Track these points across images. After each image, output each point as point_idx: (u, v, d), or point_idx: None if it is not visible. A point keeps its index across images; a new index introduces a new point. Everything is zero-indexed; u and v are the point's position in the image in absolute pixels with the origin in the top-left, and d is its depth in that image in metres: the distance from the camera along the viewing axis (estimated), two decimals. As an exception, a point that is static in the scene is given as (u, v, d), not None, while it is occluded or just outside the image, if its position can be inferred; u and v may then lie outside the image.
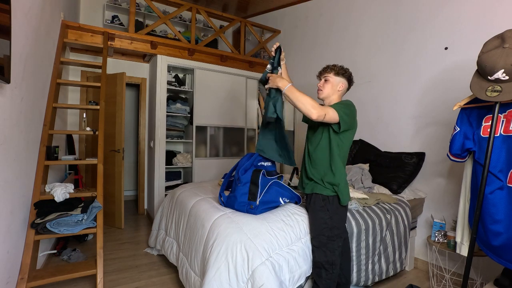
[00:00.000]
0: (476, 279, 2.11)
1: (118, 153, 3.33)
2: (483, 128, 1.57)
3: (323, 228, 1.60)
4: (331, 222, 1.59)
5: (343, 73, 1.66)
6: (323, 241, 1.60)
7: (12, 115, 1.55)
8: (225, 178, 2.07)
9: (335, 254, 1.59)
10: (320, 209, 1.61)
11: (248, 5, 4.66)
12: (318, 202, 1.62)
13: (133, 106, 5.13)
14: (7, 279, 1.56)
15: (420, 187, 2.57)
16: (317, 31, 3.74)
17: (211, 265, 1.52)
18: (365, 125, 3.06)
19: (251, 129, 4.37)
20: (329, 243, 1.59)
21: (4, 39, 1.27)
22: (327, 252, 1.59)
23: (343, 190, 1.57)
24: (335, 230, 1.59)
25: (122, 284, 2.15)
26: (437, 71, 2.45)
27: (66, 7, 2.96)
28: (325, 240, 1.59)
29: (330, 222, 1.59)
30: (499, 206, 1.47)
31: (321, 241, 1.60)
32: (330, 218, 1.59)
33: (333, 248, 1.59)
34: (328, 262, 1.58)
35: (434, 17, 2.48)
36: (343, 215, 1.65)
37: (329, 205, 1.59)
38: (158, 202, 3.52)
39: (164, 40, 3.53)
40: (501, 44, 1.34)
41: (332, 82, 1.66)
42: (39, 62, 2.06)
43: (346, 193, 1.59)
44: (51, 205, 1.99)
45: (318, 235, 1.62)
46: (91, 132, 2.39)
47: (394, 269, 2.15)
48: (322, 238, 1.60)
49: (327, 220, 1.59)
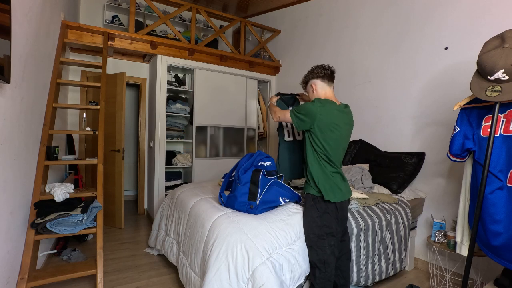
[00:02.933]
0: (476, 279, 2.11)
1: (118, 153, 3.33)
2: (483, 128, 1.57)
3: (313, 226, 1.63)
4: (320, 220, 1.61)
5: (306, 79, 1.80)
6: (314, 239, 1.62)
7: (12, 115, 1.55)
8: (225, 178, 2.08)
9: (326, 252, 1.60)
10: (310, 208, 1.65)
11: (248, 5, 4.66)
12: (309, 201, 1.67)
13: (133, 106, 5.13)
14: (7, 279, 1.56)
15: (420, 187, 2.57)
16: (316, 31, 3.74)
17: (211, 265, 1.52)
18: (365, 125, 3.06)
19: (251, 129, 4.37)
20: (319, 242, 1.61)
21: (4, 39, 1.27)
22: (318, 250, 1.61)
23: (322, 186, 1.58)
24: (325, 229, 1.61)
25: (122, 284, 2.15)
26: (437, 71, 2.45)
27: (66, 7, 2.96)
28: (315, 239, 1.62)
29: (320, 220, 1.61)
30: (499, 206, 1.47)
31: (311, 240, 1.63)
32: (319, 216, 1.62)
33: (324, 247, 1.60)
34: (320, 261, 1.60)
35: (434, 17, 2.48)
36: (334, 214, 1.62)
37: (318, 204, 1.62)
38: (158, 202, 3.52)
39: (164, 40, 3.52)
40: (501, 44, 1.34)
41: (308, 90, 1.82)
42: (39, 62, 2.06)
43: (327, 188, 1.58)
44: (51, 205, 1.99)
45: (309, 234, 1.65)
46: (91, 132, 2.39)
47: (394, 269, 2.15)
48: (313, 236, 1.63)
49: (316, 218, 1.62)
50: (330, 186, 1.60)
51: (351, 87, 3.25)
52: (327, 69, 1.73)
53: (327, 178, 1.61)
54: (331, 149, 1.60)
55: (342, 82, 3.36)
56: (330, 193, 1.59)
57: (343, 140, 1.67)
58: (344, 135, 1.66)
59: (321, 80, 1.72)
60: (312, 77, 1.75)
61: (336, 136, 1.60)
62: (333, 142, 1.60)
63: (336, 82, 3.52)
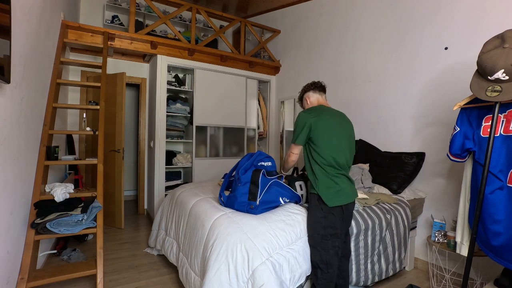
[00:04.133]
0: (476, 279, 2.11)
1: (118, 153, 3.33)
2: (483, 128, 1.57)
3: (317, 227, 1.62)
4: (325, 221, 1.60)
5: (301, 95, 1.95)
6: (317, 240, 1.61)
7: (12, 115, 1.55)
8: (225, 178, 2.07)
9: (329, 253, 1.59)
10: (315, 208, 1.64)
11: (248, 5, 4.66)
12: (313, 202, 1.66)
13: (133, 106, 5.14)
14: (7, 279, 1.56)
15: (420, 187, 2.57)
16: (317, 31, 3.74)
17: (211, 265, 1.52)
18: (365, 125, 3.06)
19: (251, 129, 4.37)
20: (323, 242, 1.60)
21: (4, 39, 1.27)
22: (322, 251, 1.60)
23: (322, 193, 1.61)
24: (329, 230, 1.60)
25: (122, 284, 2.15)
26: (437, 71, 2.45)
27: (66, 7, 2.96)
28: (319, 239, 1.61)
29: (324, 221, 1.60)
30: (499, 206, 1.47)
31: (315, 240, 1.62)
32: (324, 217, 1.61)
33: (327, 248, 1.59)
34: (322, 261, 1.59)
35: (434, 17, 2.48)
36: (340, 215, 1.62)
37: (323, 204, 1.61)
38: (158, 202, 3.52)
39: (164, 40, 3.52)
40: (501, 44, 1.34)
41: (304, 105, 1.94)
42: (39, 62, 2.06)
43: (327, 194, 1.59)
44: (51, 205, 1.99)
45: (313, 234, 1.64)
46: (91, 132, 2.39)
47: (393, 269, 2.15)
48: (317, 237, 1.62)
49: (321, 219, 1.61)
50: (328, 188, 1.60)
51: (351, 87, 3.25)
52: (317, 83, 1.89)
53: (327, 180, 1.61)
54: (329, 148, 1.61)
55: (342, 82, 3.36)
56: (328, 198, 1.59)
57: (343, 139, 1.67)
58: (339, 132, 1.67)
59: (313, 92, 1.87)
60: (305, 91, 1.90)
61: (332, 134, 1.63)
62: (330, 140, 1.62)
63: (336, 82, 3.55)
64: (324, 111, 1.71)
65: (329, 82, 3.52)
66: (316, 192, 1.63)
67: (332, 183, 1.61)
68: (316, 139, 1.62)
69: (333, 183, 1.61)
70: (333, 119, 1.68)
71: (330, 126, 1.64)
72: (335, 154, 1.62)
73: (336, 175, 1.62)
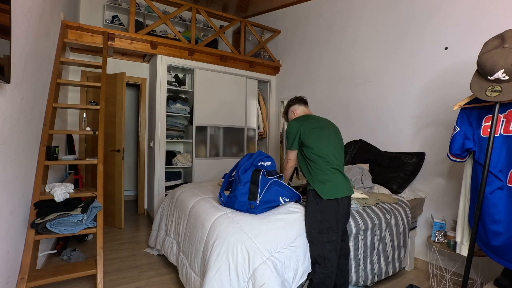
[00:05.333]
0: (476, 279, 2.11)
1: (118, 153, 3.33)
2: (483, 128, 1.57)
3: (314, 221, 1.67)
4: (320, 215, 1.65)
5: (286, 110, 2.08)
6: (314, 234, 1.65)
7: (12, 115, 1.55)
8: (225, 178, 2.08)
9: (326, 247, 1.62)
10: (311, 203, 1.70)
11: (248, 5, 4.66)
12: (310, 197, 1.72)
13: (133, 106, 5.13)
14: (7, 279, 1.56)
15: (420, 187, 2.57)
16: (317, 31, 3.74)
17: (212, 265, 1.52)
18: (365, 125, 3.06)
19: (251, 129, 4.37)
20: (320, 236, 1.64)
21: (4, 39, 1.27)
22: (318, 245, 1.64)
23: (317, 187, 1.68)
24: (325, 223, 1.64)
25: (122, 284, 2.15)
26: (437, 71, 2.45)
27: (66, 7, 2.96)
28: (315, 234, 1.65)
29: (320, 215, 1.65)
30: (499, 206, 1.47)
31: (312, 235, 1.66)
32: (320, 211, 1.65)
33: (324, 241, 1.63)
34: (320, 256, 1.62)
35: (434, 17, 2.48)
36: (334, 209, 1.66)
37: (318, 198, 1.66)
38: (158, 202, 3.52)
39: (164, 40, 3.52)
40: (501, 44, 1.34)
41: (290, 117, 2.06)
42: (39, 62, 2.06)
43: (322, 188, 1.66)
44: (51, 205, 1.99)
45: (310, 229, 1.68)
46: (91, 132, 2.39)
47: (393, 269, 2.15)
48: (313, 231, 1.66)
49: (316, 213, 1.66)
50: (322, 182, 1.67)
51: (351, 87, 3.25)
52: (300, 97, 2.06)
53: (322, 175, 1.68)
54: (319, 144, 1.73)
55: (342, 82, 3.36)
56: (324, 191, 1.65)
57: (331, 136, 1.80)
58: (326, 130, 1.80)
59: (299, 105, 2.03)
60: (290, 105, 2.05)
61: (319, 133, 1.76)
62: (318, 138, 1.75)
63: (336, 82, 3.56)
64: (310, 117, 1.89)
65: (329, 82, 3.53)
66: (312, 187, 1.69)
67: (327, 177, 1.68)
68: (307, 140, 1.75)
69: (327, 177, 1.68)
70: (319, 122, 1.84)
71: (317, 127, 1.79)
72: (326, 149, 1.73)
73: (330, 169, 1.70)
